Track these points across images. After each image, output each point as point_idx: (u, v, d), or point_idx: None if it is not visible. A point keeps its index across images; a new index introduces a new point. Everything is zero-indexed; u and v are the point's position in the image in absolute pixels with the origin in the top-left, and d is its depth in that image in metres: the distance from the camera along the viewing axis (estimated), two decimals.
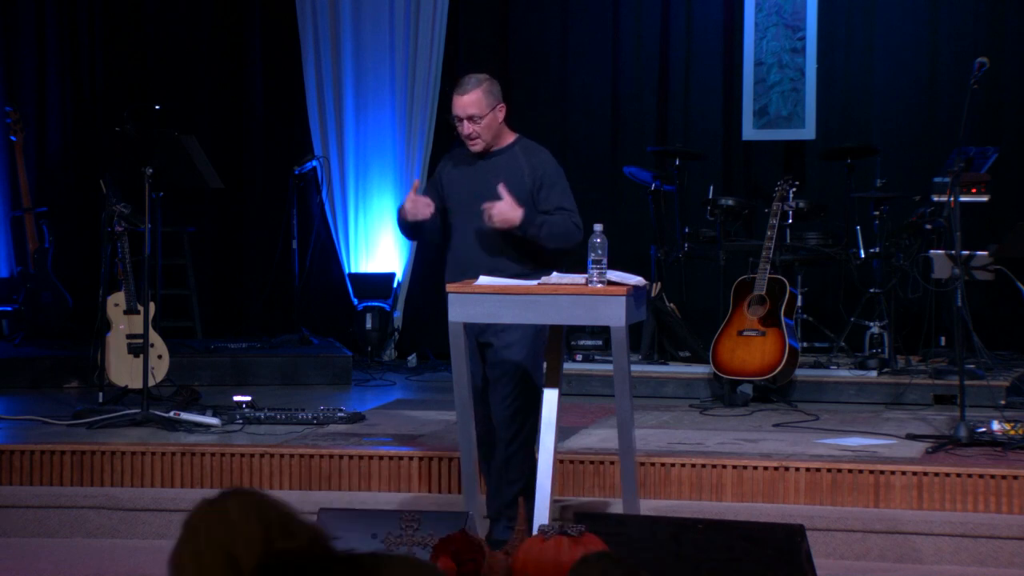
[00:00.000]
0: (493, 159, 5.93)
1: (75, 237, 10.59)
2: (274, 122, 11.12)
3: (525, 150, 5.96)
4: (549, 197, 5.85)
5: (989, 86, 9.03)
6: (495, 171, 5.87)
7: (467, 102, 5.90)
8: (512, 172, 5.87)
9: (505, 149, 5.96)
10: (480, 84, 5.96)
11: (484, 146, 5.90)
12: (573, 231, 5.84)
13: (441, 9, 10.60)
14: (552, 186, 5.87)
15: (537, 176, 5.87)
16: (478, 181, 5.88)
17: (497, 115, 5.94)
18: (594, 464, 6.72)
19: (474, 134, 5.88)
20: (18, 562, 6.27)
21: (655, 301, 9.14)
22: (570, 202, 5.89)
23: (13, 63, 10.95)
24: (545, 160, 5.94)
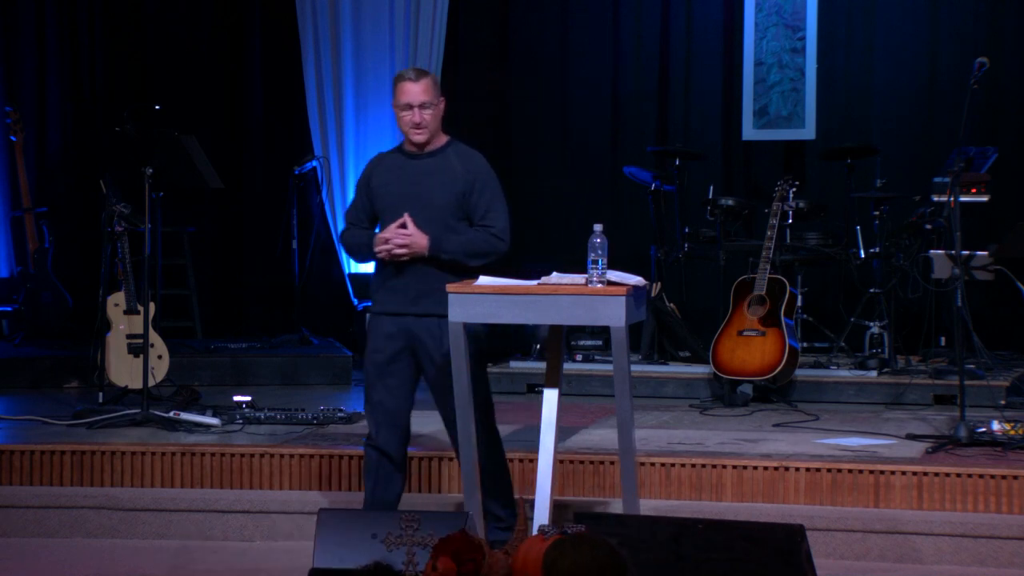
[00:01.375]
0: (425, 161, 5.84)
1: (75, 237, 10.59)
2: (274, 122, 11.12)
3: (458, 153, 5.87)
4: (479, 203, 5.81)
5: (989, 86, 9.03)
6: (428, 173, 5.81)
7: (420, 89, 5.77)
8: (445, 175, 5.80)
9: (438, 151, 5.86)
10: (428, 74, 5.86)
11: (428, 136, 5.80)
12: (493, 244, 5.83)
13: (441, 9, 10.60)
14: (482, 191, 5.82)
15: (470, 180, 5.80)
16: (409, 183, 5.81)
17: (441, 108, 5.85)
18: (594, 464, 6.72)
19: (423, 123, 5.77)
20: (18, 562, 6.27)
21: (655, 301, 9.14)
22: (499, 209, 5.86)
23: (13, 63, 10.95)
24: (479, 165, 5.87)
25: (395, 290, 5.81)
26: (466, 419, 5.76)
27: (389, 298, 5.83)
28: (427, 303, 5.76)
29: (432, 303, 5.74)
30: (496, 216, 5.86)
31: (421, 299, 5.77)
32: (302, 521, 6.47)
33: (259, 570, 6.16)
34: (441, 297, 5.67)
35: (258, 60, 11.18)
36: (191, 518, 6.67)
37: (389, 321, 5.84)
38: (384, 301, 5.85)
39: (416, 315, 5.78)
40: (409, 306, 5.79)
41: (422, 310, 5.77)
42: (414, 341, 5.82)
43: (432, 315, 5.75)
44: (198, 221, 10.87)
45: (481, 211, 5.82)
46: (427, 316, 5.77)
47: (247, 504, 6.68)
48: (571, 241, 9.90)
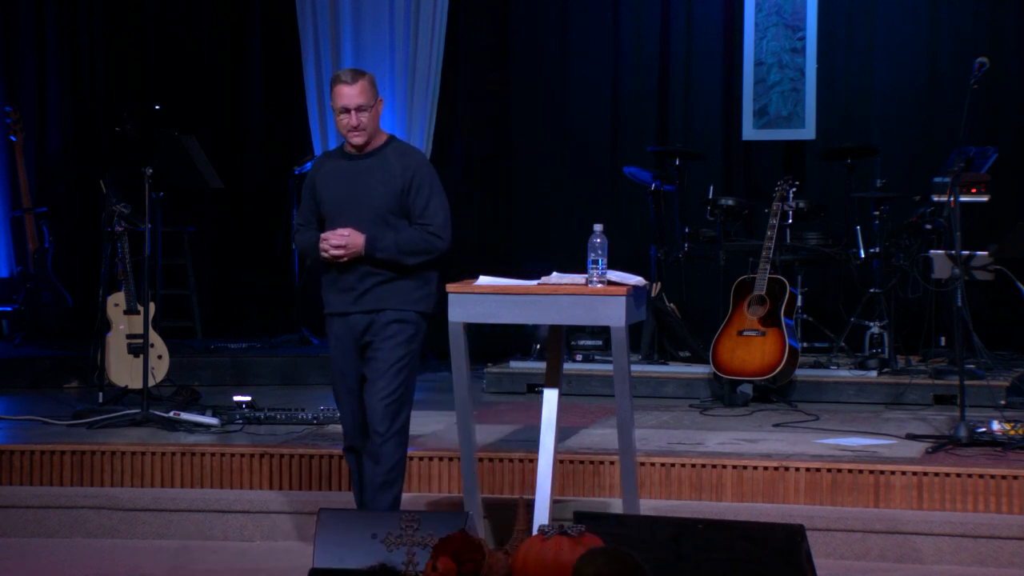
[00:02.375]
0: (365, 160, 5.83)
1: (75, 237, 10.60)
2: (274, 122, 11.12)
3: (397, 151, 5.86)
4: (416, 201, 5.78)
5: (989, 86, 9.03)
6: (368, 172, 5.80)
7: (356, 92, 5.77)
8: (384, 174, 5.79)
9: (377, 150, 5.85)
10: (364, 75, 5.85)
11: (366, 138, 5.81)
12: (431, 242, 5.76)
13: (441, 9, 10.59)
14: (420, 189, 5.78)
15: (407, 178, 5.78)
16: (350, 183, 5.81)
17: (378, 108, 5.85)
18: (594, 464, 6.72)
19: (361, 125, 5.77)
20: (18, 562, 6.27)
21: (655, 301, 9.14)
22: (437, 206, 5.80)
23: (13, 63, 10.96)
24: (417, 162, 5.85)
25: (339, 291, 5.82)
26: (466, 419, 5.76)
27: (335, 299, 5.85)
28: (369, 300, 5.77)
29: (373, 300, 5.77)
30: (433, 213, 5.79)
31: (363, 297, 5.77)
32: (302, 521, 6.47)
33: (259, 570, 6.16)
34: (382, 294, 5.72)
35: (258, 60, 11.18)
36: (191, 518, 6.67)
37: (338, 322, 5.85)
38: (332, 303, 5.87)
39: (362, 312, 5.78)
40: (352, 305, 5.79)
41: (365, 307, 5.78)
42: (361, 338, 5.81)
43: (374, 311, 5.77)
44: (198, 221, 10.87)
45: (419, 209, 5.78)
46: (371, 312, 5.77)
47: (247, 504, 6.68)
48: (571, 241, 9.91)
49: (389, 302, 5.77)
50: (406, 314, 5.79)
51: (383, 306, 5.76)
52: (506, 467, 6.75)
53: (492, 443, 7.08)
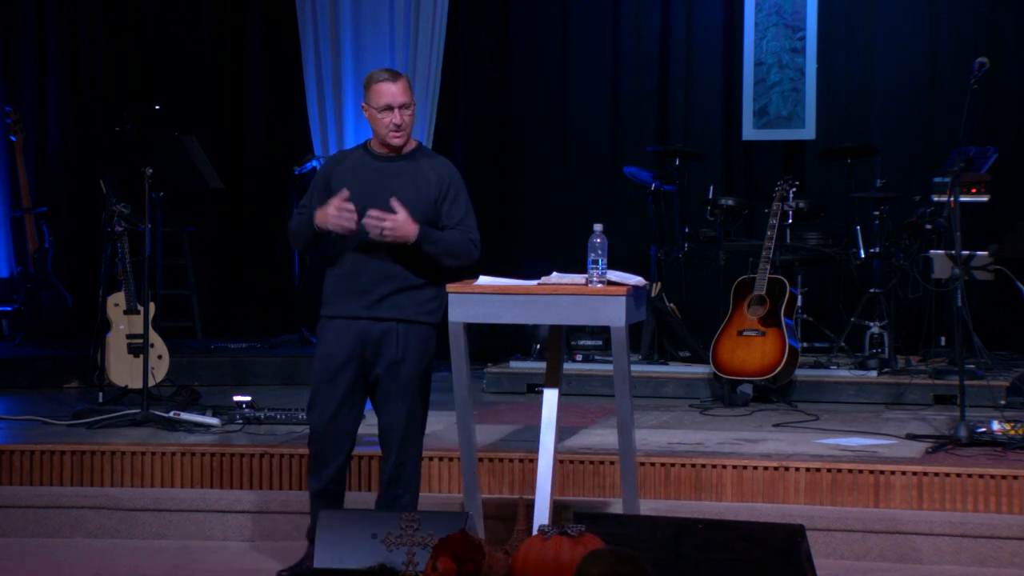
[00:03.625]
0: (396, 163, 5.70)
1: (75, 237, 10.60)
2: (274, 122, 11.12)
3: (429, 158, 5.76)
4: (452, 210, 5.67)
5: (989, 86, 9.03)
6: (398, 175, 5.67)
7: (400, 89, 5.66)
8: (419, 179, 5.66)
9: (410, 154, 5.73)
10: (404, 75, 5.75)
11: (406, 139, 5.70)
12: (471, 249, 5.68)
13: (441, 9, 10.60)
14: (456, 198, 5.68)
15: (444, 186, 5.67)
16: (377, 186, 5.64)
17: (414, 109, 5.77)
18: (594, 464, 6.72)
19: (405, 124, 5.66)
20: (18, 562, 6.27)
21: (655, 301, 9.14)
22: (472, 217, 5.72)
23: (13, 63, 10.96)
24: (451, 171, 5.75)
25: (351, 293, 5.66)
26: (466, 419, 5.76)
27: (344, 302, 5.68)
28: (385, 307, 5.63)
29: (390, 307, 5.63)
30: (471, 223, 5.71)
31: (380, 303, 5.63)
32: (302, 521, 6.46)
33: (259, 570, 6.16)
34: (400, 302, 5.62)
35: (258, 60, 11.18)
36: (191, 518, 6.67)
37: (342, 325, 5.69)
38: (339, 305, 5.70)
39: (374, 319, 5.64)
40: (365, 310, 5.64)
41: (379, 314, 5.64)
42: (367, 346, 5.67)
43: (391, 319, 5.64)
44: (198, 221, 10.88)
45: (457, 216, 5.67)
46: (386, 320, 5.65)
47: (247, 504, 6.68)
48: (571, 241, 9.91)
49: (407, 311, 5.64)
50: (426, 329, 5.69)
51: (402, 316, 5.63)
52: (506, 467, 6.75)
53: (492, 443, 7.08)
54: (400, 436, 5.76)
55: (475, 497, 5.86)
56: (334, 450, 5.77)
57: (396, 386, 5.70)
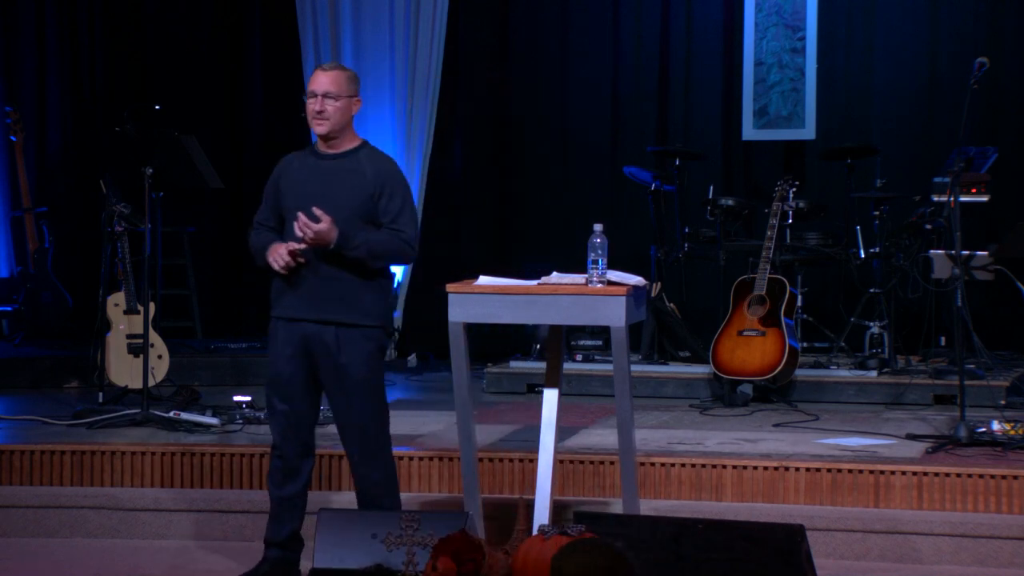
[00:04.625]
0: (336, 161, 5.71)
1: (75, 237, 10.60)
2: (274, 122, 11.12)
3: (370, 156, 5.73)
4: (387, 207, 5.64)
5: (989, 86, 9.03)
6: (337, 173, 5.68)
7: (327, 79, 5.65)
8: (354, 176, 5.66)
9: (349, 152, 5.72)
10: (345, 69, 5.73)
11: (329, 129, 5.66)
12: (402, 250, 5.64)
13: (441, 9, 10.60)
14: (392, 196, 5.65)
15: (379, 183, 5.65)
16: (318, 183, 5.67)
17: (351, 106, 5.69)
18: (594, 464, 6.72)
19: (325, 113, 5.63)
20: (18, 562, 6.27)
21: (655, 301, 9.14)
22: (409, 216, 5.68)
23: (13, 63, 10.96)
24: (390, 169, 5.72)
25: (295, 294, 5.67)
26: (466, 419, 5.76)
27: (288, 302, 5.70)
28: (329, 309, 5.62)
29: (334, 309, 5.62)
30: (406, 222, 5.66)
31: (323, 305, 5.62)
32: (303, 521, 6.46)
33: None
34: (343, 304, 5.60)
35: (258, 60, 11.18)
36: (191, 518, 6.67)
37: (287, 327, 5.70)
38: (284, 306, 5.72)
39: (315, 322, 5.64)
40: (309, 311, 5.64)
41: (323, 316, 5.63)
42: (312, 349, 5.66)
43: (332, 323, 5.62)
44: (198, 221, 10.87)
45: (392, 214, 5.64)
46: (327, 324, 5.63)
47: (247, 504, 6.68)
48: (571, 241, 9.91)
49: (352, 316, 5.62)
50: (372, 331, 5.66)
51: (346, 319, 5.61)
52: (506, 467, 6.75)
53: (492, 443, 7.08)
54: (358, 441, 5.71)
55: (475, 497, 5.86)
56: (294, 458, 5.76)
57: (344, 390, 5.66)
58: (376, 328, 5.69)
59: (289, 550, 5.81)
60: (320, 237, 5.52)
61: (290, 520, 5.80)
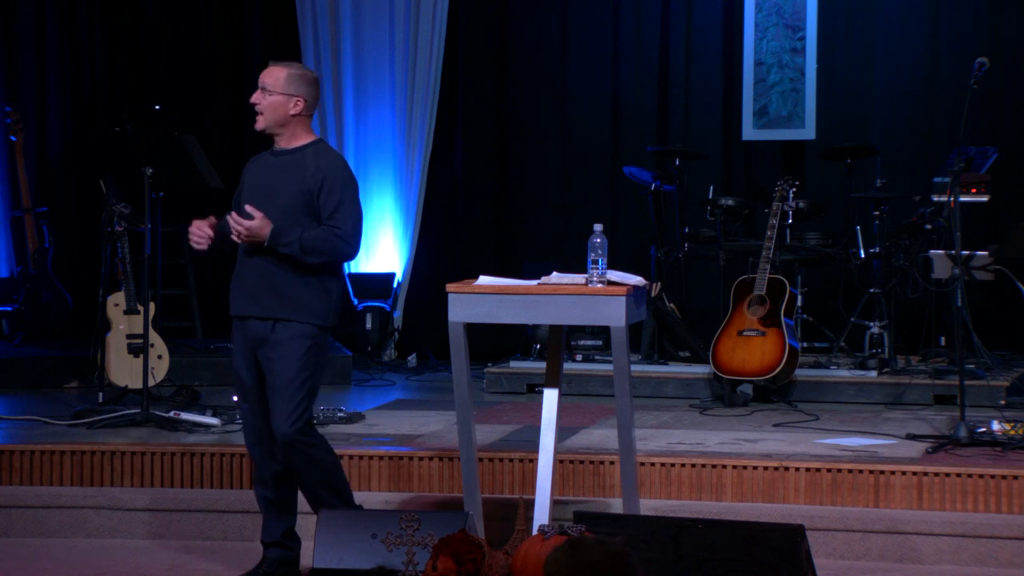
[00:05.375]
0: (284, 158, 5.75)
1: (75, 237, 10.60)
2: None
3: (316, 152, 5.74)
4: (326, 203, 5.65)
5: (989, 86, 9.03)
6: (284, 169, 5.72)
7: (269, 72, 5.72)
8: (297, 172, 5.69)
9: (298, 149, 5.74)
10: (294, 68, 5.74)
11: (264, 124, 5.71)
12: (335, 245, 5.61)
13: (441, 9, 10.60)
14: (331, 192, 5.65)
15: (319, 179, 5.66)
16: (266, 179, 5.75)
17: (289, 104, 5.68)
18: (594, 464, 6.72)
19: (258, 107, 5.69)
20: (18, 562, 6.27)
21: (655, 301, 9.14)
22: (348, 212, 5.66)
23: (13, 63, 10.96)
24: (332, 164, 5.71)
25: (239, 289, 5.73)
26: (466, 419, 5.76)
27: (234, 299, 5.75)
28: (267, 304, 5.64)
29: (271, 306, 5.63)
30: (343, 218, 5.65)
31: (261, 300, 5.65)
32: (302, 521, 6.45)
33: None
34: (278, 300, 5.61)
35: (258, 60, 11.16)
36: (191, 518, 6.67)
37: (237, 325, 5.75)
38: (233, 304, 5.77)
39: (257, 318, 5.66)
40: (250, 306, 5.68)
41: (262, 312, 5.65)
42: (257, 347, 5.69)
43: (269, 318, 5.63)
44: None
45: (329, 210, 5.65)
46: (266, 319, 5.64)
47: (247, 504, 6.67)
48: (571, 241, 9.93)
49: (287, 312, 5.62)
50: (305, 328, 5.63)
51: (281, 316, 5.62)
52: (506, 467, 6.75)
53: (492, 443, 7.08)
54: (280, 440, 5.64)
55: (475, 497, 5.86)
56: (270, 458, 5.74)
57: (275, 386, 5.64)
58: (311, 326, 5.65)
59: (287, 548, 5.81)
60: (252, 233, 5.60)
61: (279, 520, 5.80)
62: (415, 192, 10.71)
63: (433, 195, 10.78)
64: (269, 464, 5.75)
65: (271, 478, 5.76)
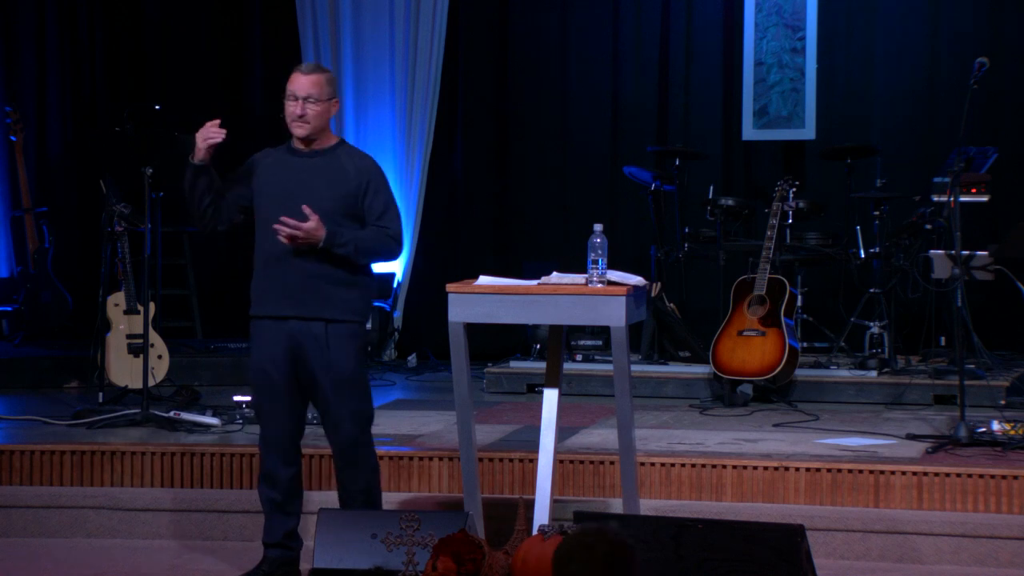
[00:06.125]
0: (315, 159, 5.73)
1: (75, 237, 10.60)
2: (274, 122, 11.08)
3: (349, 154, 5.77)
4: (372, 205, 5.67)
5: (989, 86, 9.03)
6: (315, 171, 5.69)
7: (308, 82, 5.74)
8: (337, 175, 5.68)
9: (328, 150, 5.75)
10: (324, 71, 5.81)
11: (309, 131, 5.72)
12: (389, 246, 5.67)
13: (441, 9, 10.60)
14: (377, 193, 5.68)
15: (363, 181, 5.68)
16: (296, 181, 5.68)
17: (330, 108, 5.76)
18: (594, 464, 6.72)
19: (306, 116, 5.70)
20: (18, 562, 6.27)
21: (655, 301, 9.14)
22: (392, 212, 5.70)
23: (13, 63, 10.96)
24: (371, 166, 5.75)
25: (277, 291, 5.63)
26: (466, 419, 5.76)
27: (274, 301, 5.64)
28: (313, 305, 5.59)
29: (318, 306, 5.60)
30: (392, 218, 5.69)
31: (307, 302, 5.59)
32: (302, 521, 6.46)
33: None
34: (327, 301, 5.59)
35: (258, 60, 11.18)
36: (191, 518, 6.67)
37: (271, 326, 5.65)
38: (268, 304, 5.66)
39: (301, 318, 5.61)
40: (293, 306, 5.61)
41: (306, 313, 5.60)
42: (299, 345, 5.62)
43: (317, 319, 5.60)
44: None
45: (377, 212, 5.67)
46: (313, 320, 5.61)
47: (247, 504, 6.67)
48: (571, 241, 9.93)
49: (335, 312, 5.61)
50: (354, 327, 5.65)
51: (331, 316, 5.60)
52: (506, 467, 6.76)
53: (492, 443, 7.08)
54: (342, 443, 5.70)
55: (475, 497, 5.86)
56: (287, 456, 5.74)
57: (332, 386, 5.64)
58: (361, 324, 5.70)
59: (288, 548, 5.81)
60: (309, 235, 5.53)
61: (283, 521, 5.80)
62: (415, 192, 10.71)
63: (433, 195, 10.78)
64: (285, 467, 5.73)
65: (287, 480, 5.75)
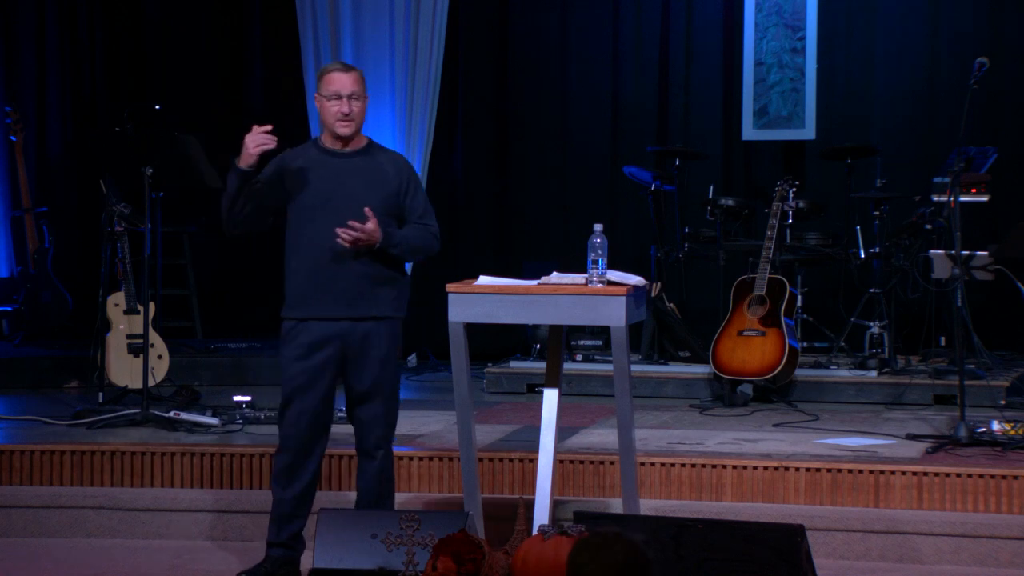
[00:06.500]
0: (355, 160, 5.75)
1: (75, 237, 10.60)
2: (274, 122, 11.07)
3: (384, 152, 5.82)
4: (413, 204, 5.75)
5: (989, 86, 9.03)
6: (355, 171, 5.71)
7: (350, 80, 5.74)
8: (377, 175, 5.72)
9: (363, 149, 5.78)
10: (357, 68, 5.85)
11: (354, 130, 5.73)
12: (432, 243, 5.77)
13: (441, 9, 10.59)
14: (417, 192, 5.77)
15: (403, 180, 5.74)
16: (335, 179, 5.69)
17: (366, 105, 5.80)
18: (594, 464, 6.72)
19: (352, 114, 5.71)
20: (18, 562, 6.27)
21: (655, 301, 9.14)
22: (431, 210, 5.80)
23: (13, 63, 10.96)
24: (406, 165, 5.83)
25: (329, 293, 5.65)
26: (466, 418, 5.76)
27: (323, 303, 5.66)
28: (363, 305, 5.65)
29: (368, 305, 5.66)
30: (432, 216, 5.81)
31: (358, 302, 5.65)
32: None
33: None
34: (377, 299, 5.66)
35: (258, 60, 11.18)
36: (191, 518, 6.67)
37: (321, 327, 5.67)
38: (316, 306, 5.67)
39: (353, 319, 5.65)
40: (345, 310, 5.65)
41: (357, 313, 5.65)
42: (346, 345, 5.67)
43: (369, 318, 5.67)
44: (198, 221, 10.87)
45: (419, 211, 5.76)
46: (364, 320, 5.67)
47: (247, 504, 6.68)
48: (571, 241, 9.92)
49: (384, 309, 5.69)
50: (395, 324, 5.76)
51: (379, 313, 5.67)
52: (506, 467, 6.76)
53: (492, 443, 7.08)
54: (382, 434, 5.79)
55: (475, 497, 5.86)
56: (309, 458, 5.77)
57: (378, 384, 5.72)
58: (399, 320, 5.80)
59: (291, 549, 5.81)
60: (370, 237, 5.58)
61: (289, 522, 5.81)
62: None
63: (433, 195, 10.68)
64: (307, 468, 5.75)
65: (309, 481, 5.77)
